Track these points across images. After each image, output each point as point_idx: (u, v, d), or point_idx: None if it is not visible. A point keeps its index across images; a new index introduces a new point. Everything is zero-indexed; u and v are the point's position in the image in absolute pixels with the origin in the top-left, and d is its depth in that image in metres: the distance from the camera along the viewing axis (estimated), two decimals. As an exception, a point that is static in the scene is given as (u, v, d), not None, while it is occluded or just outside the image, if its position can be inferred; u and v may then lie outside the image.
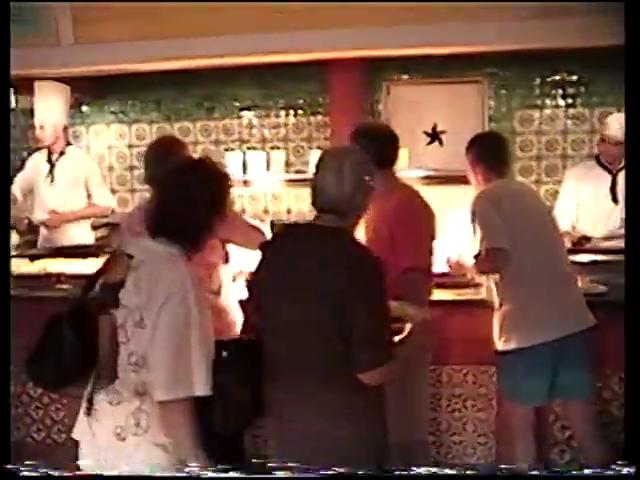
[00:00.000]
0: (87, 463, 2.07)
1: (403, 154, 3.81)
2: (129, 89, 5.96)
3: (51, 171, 4.55)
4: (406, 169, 3.78)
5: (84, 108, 6.17)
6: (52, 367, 1.99)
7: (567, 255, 3.00)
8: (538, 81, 5.70)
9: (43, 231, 4.63)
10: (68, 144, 4.69)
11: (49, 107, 4.45)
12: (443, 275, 3.10)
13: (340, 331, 1.97)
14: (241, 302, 2.79)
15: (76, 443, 3.09)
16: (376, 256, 2.04)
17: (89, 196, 4.65)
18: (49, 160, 4.58)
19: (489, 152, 3.00)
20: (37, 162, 4.65)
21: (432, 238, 2.75)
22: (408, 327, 2.19)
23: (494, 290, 2.83)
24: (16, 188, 4.55)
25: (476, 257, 2.79)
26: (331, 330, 1.99)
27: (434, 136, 5.96)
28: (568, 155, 5.68)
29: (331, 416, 2.03)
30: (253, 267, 2.24)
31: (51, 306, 3.19)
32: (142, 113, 6.14)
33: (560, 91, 5.68)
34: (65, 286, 3.44)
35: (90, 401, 2.03)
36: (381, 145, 2.67)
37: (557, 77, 5.66)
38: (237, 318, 2.79)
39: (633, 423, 1.94)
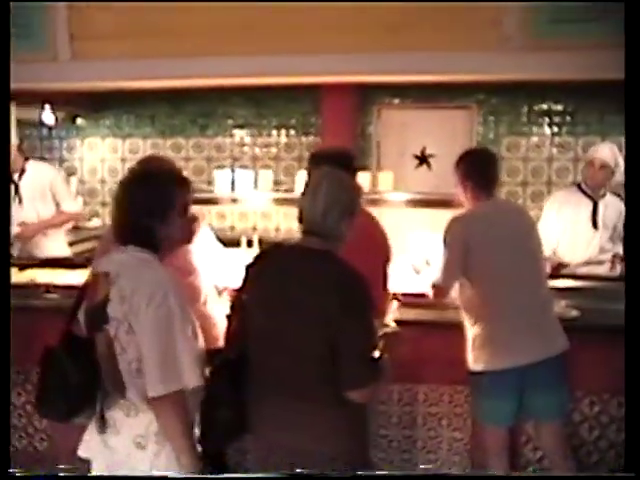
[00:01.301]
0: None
1: (387, 177, 3.90)
2: (124, 104, 6.08)
3: (16, 191, 4.49)
4: (390, 192, 3.85)
5: (79, 121, 6.27)
6: (60, 402, 2.05)
7: (546, 279, 3.03)
8: (525, 109, 5.84)
9: (18, 246, 4.56)
10: (26, 159, 4.62)
11: None
12: (421, 296, 3.19)
13: (326, 350, 2.01)
14: (227, 317, 2.86)
15: (56, 452, 3.15)
16: (362, 278, 2.07)
17: (58, 205, 4.63)
18: (11, 181, 4.48)
19: (478, 169, 2.98)
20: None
21: (387, 260, 2.85)
22: (381, 342, 2.24)
23: (463, 311, 2.91)
24: None
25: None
26: (317, 349, 2.02)
27: (423, 159, 6.08)
28: (553, 182, 5.80)
29: (315, 433, 2.07)
30: (238, 284, 2.29)
31: (40, 315, 3.30)
32: (136, 128, 6.24)
33: (546, 119, 5.81)
34: (54, 296, 3.50)
35: (102, 418, 2.07)
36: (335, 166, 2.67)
37: (544, 106, 5.80)
38: (222, 331, 2.85)
39: (633, 429, 1.98)
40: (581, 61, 3.03)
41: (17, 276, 3.82)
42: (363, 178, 3.64)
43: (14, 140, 4.55)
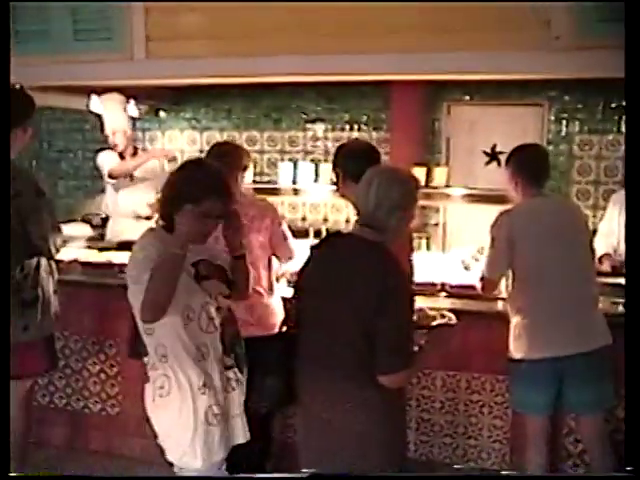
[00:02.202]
0: None
1: (442, 172, 3.99)
2: (202, 98, 6.39)
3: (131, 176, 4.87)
4: (443, 187, 3.94)
5: (161, 114, 6.63)
6: None
7: (594, 275, 3.06)
8: (600, 107, 5.73)
9: (111, 225, 4.99)
10: (136, 148, 5.04)
11: (116, 115, 4.85)
12: (468, 287, 3.29)
13: (367, 335, 2.15)
14: (284, 299, 3.08)
15: (126, 416, 3.39)
16: (405, 272, 2.23)
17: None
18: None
19: (527, 165, 3.04)
20: (111, 162, 4.91)
21: (412, 252, 2.96)
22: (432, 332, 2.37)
23: (508, 299, 2.99)
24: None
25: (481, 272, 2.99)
26: (357, 333, 2.18)
27: (493, 156, 6.08)
28: (627, 182, 5.68)
29: (351, 411, 2.22)
30: (297, 269, 2.48)
31: (115, 292, 3.59)
32: (213, 121, 6.54)
33: (623, 117, 5.69)
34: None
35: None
36: (356, 161, 2.73)
37: (620, 103, 5.68)
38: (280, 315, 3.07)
39: (633, 429, 2.00)
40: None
41: (96, 257, 4.16)
42: (419, 173, 3.76)
43: (126, 126, 4.92)
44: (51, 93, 4.46)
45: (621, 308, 3.20)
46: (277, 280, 3.32)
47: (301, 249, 3.24)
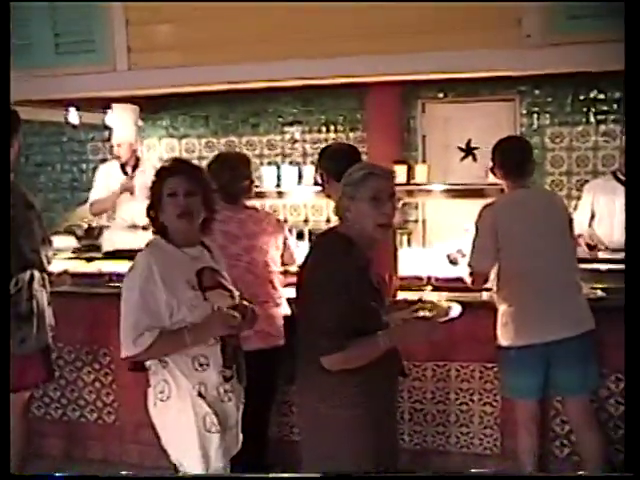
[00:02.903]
0: None
1: (422, 169, 4.09)
2: (180, 106, 6.44)
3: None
4: (426, 183, 4.05)
5: (139, 123, 6.64)
6: None
7: (574, 262, 3.16)
8: (569, 99, 5.89)
9: (108, 236, 4.98)
10: (138, 159, 5.03)
11: (125, 127, 4.87)
12: (453, 280, 3.40)
13: (310, 322, 2.26)
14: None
15: (122, 424, 3.43)
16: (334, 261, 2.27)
17: None
18: (125, 173, 4.89)
19: (510, 157, 3.12)
20: (110, 174, 4.95)
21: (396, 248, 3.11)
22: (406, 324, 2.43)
23: (494, 289, 3.09)
24: (96, 195, 4.88)
25: (469, 265, 3.09)
26: (305, 321, 2.31)
27: (468, 151, 6.21)
28: (599, 171, 5.82)
29: (319, 396, 2.29)
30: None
31: (105, 301, 3.63)
32: (191, 128, 6.60)
33: (591, 109, 5.86)
34: (117, 284, 3.83)
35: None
36: (339, 162, 2.79)
37: (588, 95, 5.84)
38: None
39: (633, 430, 2.04)
40: (598, 54, 3.18)
41: (85, 267, 4.19)
42: (400, 171, 3.85)
43: (133, 138, 4.97)
44: (28, 106, 4.47)
45: (600, 293, 3.32)
46: None
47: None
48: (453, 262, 3.35)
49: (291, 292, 2.51)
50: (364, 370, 2.22)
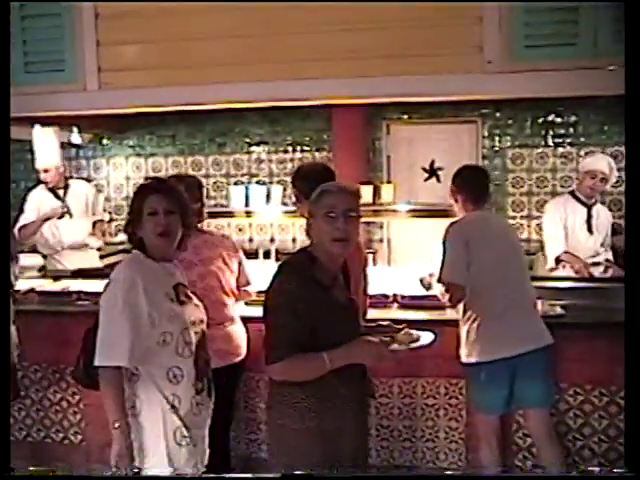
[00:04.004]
0: None
1: (389, 189, 4.18)
2: (146, 126, 6.47)
3: (65, 206, 4.80)
4: (392, 203, 4.14)
5: (105, 142, 6.66)
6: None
7: (529, 280, 3.29)
8: (529, 122, 6.10)
9: (55, 257, 4.91)
10: (67, 178, 5.00)
11: (49, 150, 4.75)
12: (418, 298, 3.48)
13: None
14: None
15: (89, 444, 3.40)
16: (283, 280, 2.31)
17: (94, 214, 5.02)
18: (57, 197, 4.84)
19: (469, 184, 3.30)
20: (42, 199, 4.87)
21: (366, 265, 3.04)
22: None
23: (460, 308, 3.18)
24: (25, 220, 4.75)
25: (438, 280, 3.16)
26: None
27: (432, 172, 6.35)
28: (557, 192, 6.00)
29: (268, 406, 2.38)
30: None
31: (73, 320, 3.62)
32: (158, 147, 6.62)
33: (549, 132, 6.07)
34: (85, 302, 3.83)
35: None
36: (311, 181, 2.74)
37: (546, 118, 6.05)
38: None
39: (633, 429, 2.08)
40: (555, 80, 3.34)
41: (52, 285, 4.17)
42: (366, 191, 3.93)
43: (59, 161, 4.86)
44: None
45: (559, 310, 3.44)
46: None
47: (252, 270, 3.38)
48: (427, 287, 3.39)
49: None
50: (314, 384, 2.24)
